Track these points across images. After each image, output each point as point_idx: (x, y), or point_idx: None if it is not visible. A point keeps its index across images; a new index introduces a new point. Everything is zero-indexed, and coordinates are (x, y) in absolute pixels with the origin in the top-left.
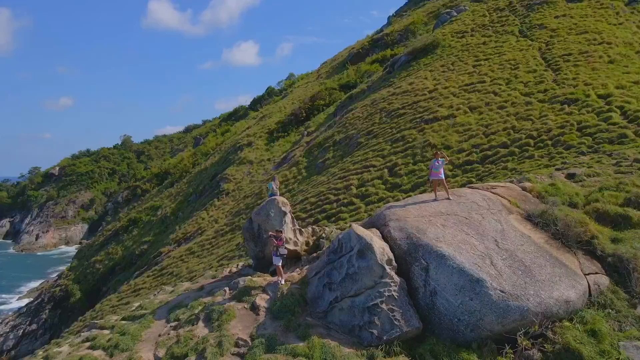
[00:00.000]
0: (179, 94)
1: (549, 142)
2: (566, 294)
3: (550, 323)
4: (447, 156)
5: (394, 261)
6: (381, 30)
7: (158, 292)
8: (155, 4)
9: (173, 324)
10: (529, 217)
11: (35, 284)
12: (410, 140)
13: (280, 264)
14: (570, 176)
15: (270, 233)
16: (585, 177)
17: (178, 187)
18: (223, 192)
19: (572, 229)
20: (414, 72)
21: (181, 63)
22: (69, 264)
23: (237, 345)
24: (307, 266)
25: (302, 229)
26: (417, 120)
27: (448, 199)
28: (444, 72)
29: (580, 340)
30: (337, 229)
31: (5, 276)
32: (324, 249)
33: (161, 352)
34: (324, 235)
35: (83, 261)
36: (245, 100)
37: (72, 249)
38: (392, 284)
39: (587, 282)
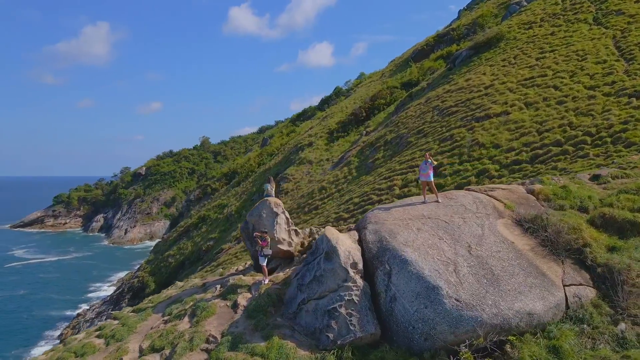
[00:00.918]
0: (256, 96)
1: (608, 140)
2: (531, 305)
3: (497, 336)
4: (435, 160)
5: (359, 265)
6: (450, 25)
7: (170, 287)
8: (236, 10)
9: (165, 318)
10: (519, 222)
11: (122, 274)
12: (459, 139)
13: (264, 264)
14: (595, 177)
15: (255, 234)
16: (610, 179)
17: (244, 186)
18: (282, 192)
19: (562, 235)
20: (474, 68)
21: (258, 66)
22: (147, 257)
23: (207, 341)
24: (294, 267)
25: (299, 230)
26: (469, 118)
27: (437, 201)
28: (504, 66)
29: (538, 356)
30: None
31: (97, 267)
32: None
33: (145, 344)
34: (317, 236)
35: (158, 255)
36: (318, 101)
37: (155, 244)
38: (354, 287)
39: (565, 294)
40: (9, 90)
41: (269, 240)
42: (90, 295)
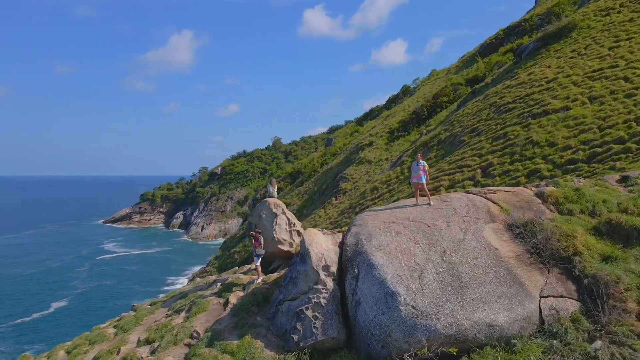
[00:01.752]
0: (329, 96)
1: None
2: (492, 316)
3: (441, 347)
4: (428, 162)
5: (332, 267)
6: (524, 15)
7: (189, 282)
8: (310, 12)
9: (169, 312)
10: (511, 227)
11: (196, 268)
12: (512, 137)
13: (258, 263)
14: (624, 179)
15: (251, 233)
16: (639, 181)
17: (306, 185)
18: (340, 191)
19: (551, 242)
20: (540, 60)
21: (332, 67)
22: (216, 254)
23: (191, 336)
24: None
25: (302, 230)
26: (525, 115)
27: (429, 204)
28: (571, 58)
29: None
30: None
31: (175, 261)
32: None
33: (143, 336)
34: None
35: (226, 251)
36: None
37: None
38: (323, 290)
39: (540, 306)
40: (107, 97)
41: (262, 240)
42: (167, 287)
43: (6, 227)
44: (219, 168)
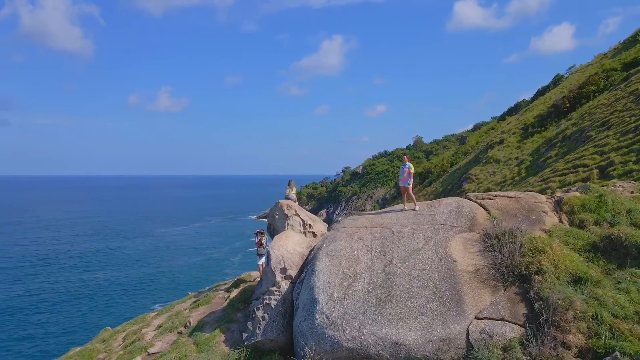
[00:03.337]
0: (481, 91)
1: None
2: (402, 334)
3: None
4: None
5: (290, 270)
6: None
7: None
8: (461, 4)
9: (192, 302)
10: (484, 238)
11: None
12: None
13: (260, 262)
14: None
15: (255, 232)
16: None
17: (434, 186)
18: (463, 193)
19: (515, 257)
20: None
21: (485, 60)
22: None
23: (185, 326)
24: None
25: (317, 232)
26: None
27: (413, 209)
28: None
29: None
30: None
31: None
32: None
33: (161, 322)
34: None
35: None
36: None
37: None
38: (275, 292)
39: (468, 328)
40: (266, 103)
41: (264, 240)
42: None
43: (180, 220)
44: (360, 167)
